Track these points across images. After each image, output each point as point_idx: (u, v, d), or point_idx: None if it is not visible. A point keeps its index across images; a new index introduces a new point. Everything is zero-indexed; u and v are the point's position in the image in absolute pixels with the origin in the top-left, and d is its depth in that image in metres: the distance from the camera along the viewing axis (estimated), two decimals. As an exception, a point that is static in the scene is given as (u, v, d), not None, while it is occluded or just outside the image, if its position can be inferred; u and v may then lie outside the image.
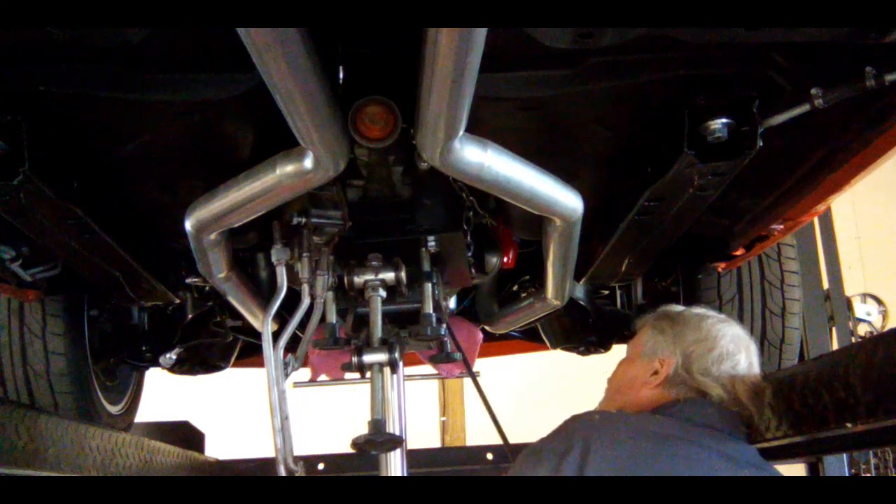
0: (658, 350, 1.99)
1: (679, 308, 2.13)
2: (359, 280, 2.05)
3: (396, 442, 1.91)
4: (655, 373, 1.97)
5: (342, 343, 2.03)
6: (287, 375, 1.94)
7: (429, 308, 2.05)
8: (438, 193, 2.06)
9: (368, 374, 1.99)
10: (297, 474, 1.89)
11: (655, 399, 1.94)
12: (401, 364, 2.06)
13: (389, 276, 2.05)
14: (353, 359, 1.96)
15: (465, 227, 2.12)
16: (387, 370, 1.98)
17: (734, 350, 1.96)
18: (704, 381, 1.91)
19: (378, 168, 1.88)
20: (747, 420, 1.95)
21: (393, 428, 1.97)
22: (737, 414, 1.91)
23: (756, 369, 1.99)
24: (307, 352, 2.08)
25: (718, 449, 1.77)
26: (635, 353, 2.08)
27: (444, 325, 2.15)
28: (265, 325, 1.90)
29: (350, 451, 1.94)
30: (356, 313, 2.32)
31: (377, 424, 1.88)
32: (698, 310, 2.10)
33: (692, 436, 1.78)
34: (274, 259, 1.98)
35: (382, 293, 2.05)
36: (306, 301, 1.97)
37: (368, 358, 1.96)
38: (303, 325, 2.01)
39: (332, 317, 2.04)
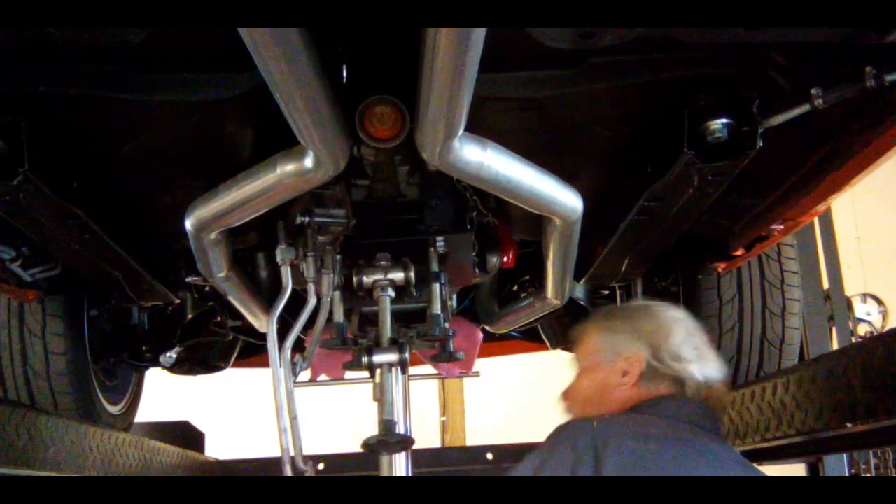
0: (621, 350, 1.93)
1: (617, 305, 2.11)
2: (367, 280, 2.05)
3: (407, 443, 1.91)
4: (626, 373, 1.91)
5: (350, 343, 2.03)
6: (296, 376, 1.93)
7: (437, 308, 2.05)
8: (445, 193, 2.06)
9: (377, 375, 1.98)
10: (306, 474, 1.89)
11: (632, 398, 1.89)
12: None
13: (398, 276, 2.05)
14: (364, 359, 1.95)
15: (470, 227, 2.12)
16: (394, 370, 1.98)
17: (692, 329, 1.95)
18: (679, 367, 1.88)
19: (384, 168, 1.88)
20: (720, 411, 1.94)
21: (399, 428, 1.96)
22: (712, 409, 1.90)
23: (711, 348, 1.98)
24: (313, 351, 2.08)
25: (709, 448, 1.76)
26: (592, 362, 2.00)
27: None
28: (270, 326, 1.90)
29: (349, 450, 1.93)
30: (361, 313, 2.31)
31: (388, 425, 1.87)
32: (638, 302, 2.09)
33: (685, 434, 1.78)
34: (279, 259, 1.98)
35: (391, 293, 2.04)
36: (312, 301, 1.96)
37: (379, 358, 1.95)
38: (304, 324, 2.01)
39: (340, 316, 2.04)
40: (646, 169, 1.87)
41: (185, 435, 4.12)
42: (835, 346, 4.42)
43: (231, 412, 7.93)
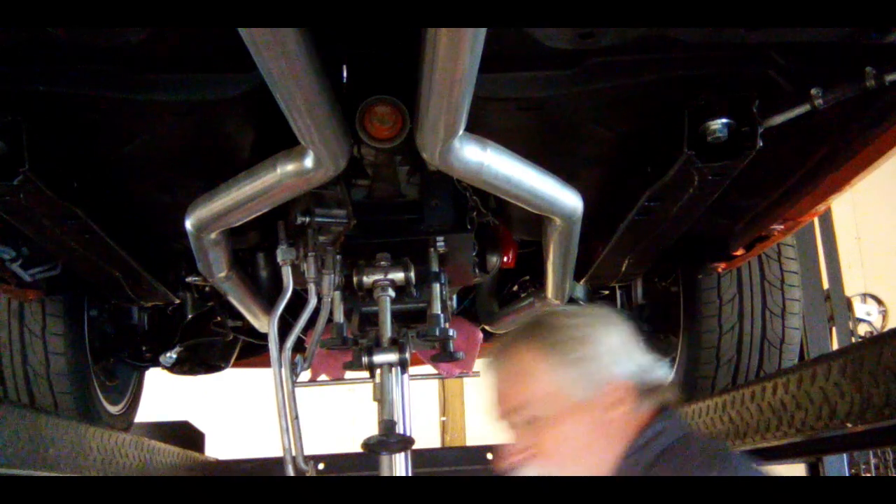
0: (601, 377, 1.58)
1: (544, 329, 1.64)
2: (368, 280, 2.05)
3: (408, 443, 1.91)
4: (618, 402, 1.58)
5: (350, 343, 2.03)
6: (297, 376, 1.94)
7: (437, 308, 2.05)
8: (445, 193, 2.07)
9: (378, 375, 1.98)
10: (307, 474, 1.89)
11: (632, 428, 1.59)
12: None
13: (399, 276, 2.05)
14: (364, 359, 1.95)
15: (470, 227, 2.13)
16: (394, 370, 1.98)
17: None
18: (653, 374, 1.62)
19: (384, 168, 1.88)
20: None
21: (399, 428, 1.97)
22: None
23: None
24: (314, 351, 2.08)
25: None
26: (562, 405, 1.58)
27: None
28: (271, 326, 1.90)
29: (349, 450, 1.93)
30: (361, 313, 2.32)
31: (388, 425, 1.87)
32: (557, 314, 1.71)
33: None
34: (279, 259, 1.98)
35: (391, 293, 2.04)
36: (313, 301, 1.96)
37: (379, 358, 1.95)
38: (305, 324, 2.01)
39: (340, 316, 2.04)
40: (646, 169, 1.87)
41: (185, 435, 4.11)
42: (835, 346, 4.42)
43: (231, 412, 7.93)
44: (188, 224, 1.87)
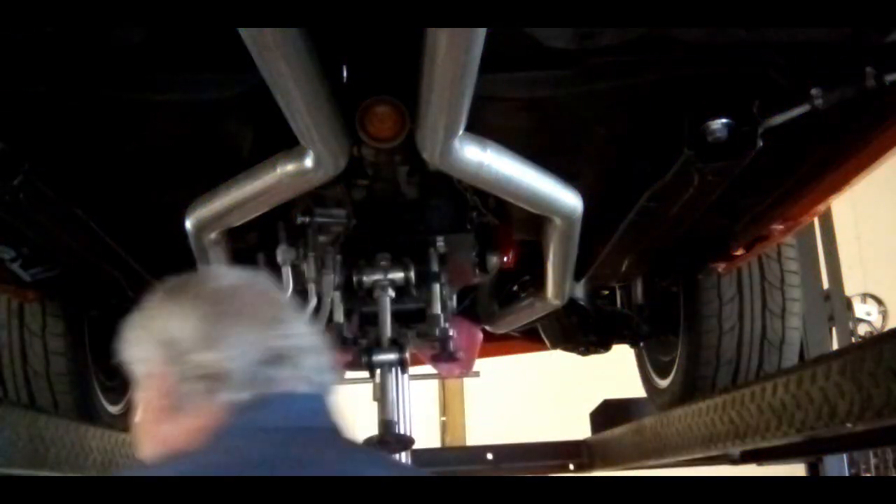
0: (142, 354, 1.28)
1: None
2: (368, 280, 2.05)
3: (407, 442, 1.92)
4: (155, 393, 1.25)
5: (350, 343, 2.03)
6: None
7: (437, 308, 2.05)
8: (445, 193, 2.07)
9: (377, 374, 1.99)
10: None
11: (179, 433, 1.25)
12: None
13: (399, 275, 2.05)
14: (364, 359, 1.96)
15: (470, 227, 2.13)
16: (394, 370, 1.98)
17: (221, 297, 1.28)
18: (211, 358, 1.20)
19: (384, 168, 1.88)
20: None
21: (399, 428, 1.97)
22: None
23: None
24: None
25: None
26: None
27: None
28: None
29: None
30: (361, 313, 2.32)
31: (388, 425, 1.88)
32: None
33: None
34: (280, 259, 1.98)
35: (391, 293, 2.05)
36: (313, 301, 1.97)
37: (379, 358, 1.96)
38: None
39: (340, 316, 2.04)
40: (646, 169, 1.87)
41: (185, 435, 4.11)
42: (835, 346, 4.41)
43: (231, 412, 7.91)
44: (188, 224, 1.87)
